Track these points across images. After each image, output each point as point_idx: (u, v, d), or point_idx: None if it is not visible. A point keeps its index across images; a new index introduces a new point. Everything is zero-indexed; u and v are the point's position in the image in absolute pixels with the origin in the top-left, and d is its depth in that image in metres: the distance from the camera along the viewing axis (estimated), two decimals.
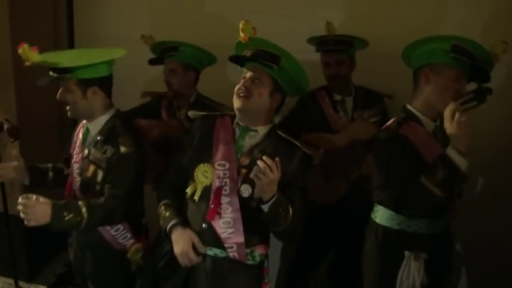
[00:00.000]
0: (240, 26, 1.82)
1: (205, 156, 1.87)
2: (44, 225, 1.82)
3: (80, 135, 2.13)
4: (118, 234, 2.05)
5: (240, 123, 1.89)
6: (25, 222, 1.80)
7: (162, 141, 2.47)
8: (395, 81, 2.64)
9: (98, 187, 1.99)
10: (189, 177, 1.90)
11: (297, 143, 1.88)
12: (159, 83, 2.73)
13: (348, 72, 2.63)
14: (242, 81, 1.84)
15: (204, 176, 1.85)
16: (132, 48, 3.18)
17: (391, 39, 2.51)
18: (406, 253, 1.90)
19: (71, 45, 3.38)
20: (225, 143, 1.86)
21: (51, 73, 1.98)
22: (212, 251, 1.83)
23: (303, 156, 1.85)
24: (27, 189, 2.06)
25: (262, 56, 1.83)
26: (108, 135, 2.01)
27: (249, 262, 1.85)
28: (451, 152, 1.71)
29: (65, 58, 2.03)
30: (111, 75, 2.07)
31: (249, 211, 1.77)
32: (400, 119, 1.93)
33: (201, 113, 2.00)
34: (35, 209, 1.78)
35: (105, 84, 2.04)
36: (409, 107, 1.94)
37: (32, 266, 3.35)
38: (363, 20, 2.79)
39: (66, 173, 2.20)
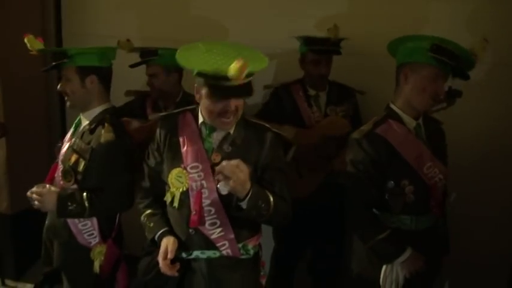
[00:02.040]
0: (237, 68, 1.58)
1: (176, 160, 1.83)
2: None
3: (73, 126, 2.19)
4: (84, 229, 2.07)
5: (206, 122, 1.82)
6: (35, 207, 2.02)
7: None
8: (372, 78, 2.73)
9: (79, 176, 2.03)
10: (164, 183, 1.87)
11: (266, 124, 1.87)
12: (144, 81, 2.74)
13: (329, 71, 2.67)
14: (221, 104, 1.70)
15: (178, 181, 1.81)
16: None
17: (371, 37, 2.55)
18: None
19: (59, 43, 3.38)
20: (192, 143, 1.81)
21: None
22: (205, 254, 1.82)
23: (274, 137, 1.83)
24: (15, 187, 2.09)
25: (243, 92, 1.69)
26: (96, 127, 2.05)
27: (243, 257, 1.84)
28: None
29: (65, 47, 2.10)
30: (111, 68, 2.13)
31: (232, 207, 1.75)
32: (378, 118, 1.97)
33: (160, 114, 1.98)
34: (44, 197, 1.99)
35: (103, 75, 2.09)
36: (391, 105, 1.97)
37: (19, 264, 3.33)
38: (349, 19, 2.81)
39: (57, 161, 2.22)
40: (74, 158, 2.05)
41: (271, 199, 1.71)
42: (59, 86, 2.08)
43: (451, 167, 2.08)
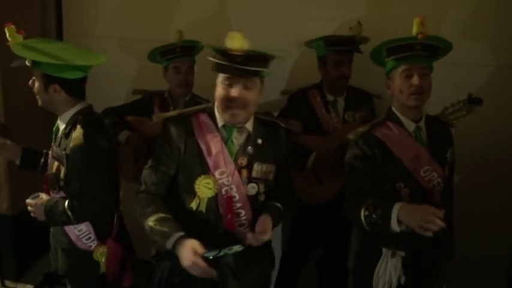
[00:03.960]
0: (230, 40, 1.66)
1: (200, 166, 1.79)
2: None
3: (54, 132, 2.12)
4: (81, 234, 2.05)
5: (227, 124, 1.82)
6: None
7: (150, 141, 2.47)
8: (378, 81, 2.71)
9: (61, 183, 2.00)
10: (177, 187, 1.84)
11: (276, 120, 1.93)
12: (145, 80, 2.74)
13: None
14: (230, 89, 1.72)
15: (206, 188, 1.79)
16: (119, 46, 3.22)
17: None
18: (384, 250, 1.92)
19: None
20: (216, 148, 1.79)
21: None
22: (232, 250, 1.85)
23: (286, 133, 1.92)
24: (15, 188, 2.09)
25: (256, 63, 1.69)
26: (70, 130, 1.98)
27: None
28: (395, 215, 1.71)
29: (41, 49, 1.96)
30: (82, 79, 1.99)
31: (259, 205, 1.85)
32: (376, 120, 1.99)
33: (168, 115, 1.90)
34: (35, 208, 2.01)
35: (68, 85, 1.96)
36: (392, 108, 1.98)
37: (19, 265, 3.33)
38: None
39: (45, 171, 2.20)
40: (55, 165, 2.02)
41: (283, 211, 1.87)
42: (30, 82, 2.01)
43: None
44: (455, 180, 2.07)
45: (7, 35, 1.92)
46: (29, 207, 2.02)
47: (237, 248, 1.85)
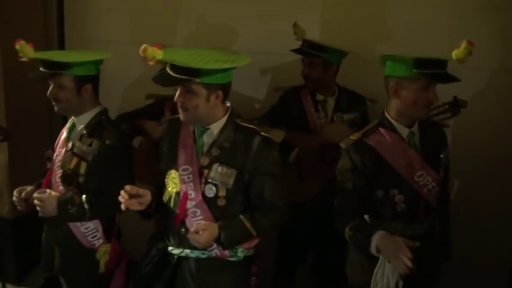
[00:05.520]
0: (141, 52, 1.70)
1: (172, 162, 1.89)
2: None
3: (65, 131, 2.19)
4: (88, 232, 2.09)
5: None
6: (39, 214, 2.04)
7: None
8: (376, 85, 2.71)
9: (81, 179, 2.06)
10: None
11: (255, 127, 1.87)
12: (146, 84, 2.73)
13: (321, 75, 2.60)
14: (177, 93, 1.80)
15: (173, 182, 1.87)
16: (121, 50, 3.24)
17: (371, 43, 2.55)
18: (380, 255, 1.88)
19: (61, 48, 3.39)
20: (186, 146, 1.87)
21: (41, 69, 2.03)
22: (194, 254, 1.86)
23: (263, 141, 1.83)
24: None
25: (180, 72, 1.73)
26: (94, 129, 2.08)
27: (233, 259, 1.87)
28: (374, 242, 1.78)
29: (59, 55, 2.10)
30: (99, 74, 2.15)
31: (219, 209, 1.81)
32: (368, 127, 1.98)
33: (168, 118, 2.04)
34: (46, 202, 2.00)
35: (96, 82, 2.12)
36: (385, 113, 1.96)
37: (20, 268, 3.34)
38: (342, 24, 2.83)
39: (48, 167, 2.23)
40: (74, 161, 2.07)
41: (249, 226, 1.79)
42: (49, 93, 2.05)
43: (454, 170, 2.07)
44: (455, 185, 2.06)
45: (20, 53, 1.98)
46: (36, 202, 2.00)
47: (199, 253, 1.85)
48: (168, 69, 1.76)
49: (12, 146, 3.11)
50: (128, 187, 1.72)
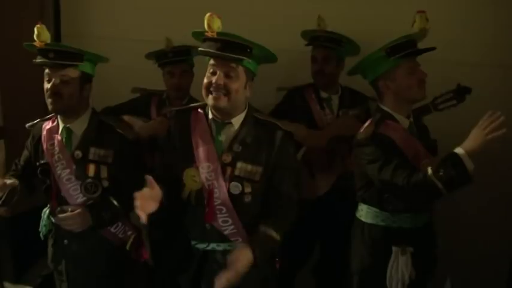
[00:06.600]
0: (206, 20, 1.74)
1: (189, 159, 1.85)
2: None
3: (56, 141, 2.06)
4: (118, 230, 2.09)
5: (215, 118, 1.86)
6: (69, 229, 2.00)
7: (151, 140, 2.47)
8: None
9: (105, 183, 2.01)
10: (177, 178, 1.88)
11: (275, 122, 1.88)
12: (143, 81, 2.74)
13: (334, 70, 2.65)
14: (214, 77, 1.77)
15: (193, 180, 1.84)
16: (117, 47, 3.21)
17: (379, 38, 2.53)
18: (394, 248, 1.93)
19: None
20: (204, 142, 1.84)
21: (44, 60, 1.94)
22: (221, 247, 1.85)
23: (284, 136, 1.84)
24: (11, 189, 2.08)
25: (234, 50, 1.74)
26: (101, 130, 2.03)
27: None
28: (462, 153, 1.71)
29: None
30: None
31: (245, 206, 1.80)
32: (376, 119, 1.97)
33: (174, 109, 2.01)
34: (76, 219, 1.97)
35: (91, 82, 2.08)
36: (383, 106, 1.98)
37: (17, 266, 3.32)
38: (342, 24, 2.79)
39: (47, 184, 2.10)
40: (92, 168, 2.01)
41: (275, 236, 1.75)
42: (51, 86, 1.94)
43: None
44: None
45: (36, 34, 1.92)
46: (65, 222, 1.96)
47: (225, 246, 1.85)
48: (210, 48, 1.73)
49: (10, 144, 3.08)
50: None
